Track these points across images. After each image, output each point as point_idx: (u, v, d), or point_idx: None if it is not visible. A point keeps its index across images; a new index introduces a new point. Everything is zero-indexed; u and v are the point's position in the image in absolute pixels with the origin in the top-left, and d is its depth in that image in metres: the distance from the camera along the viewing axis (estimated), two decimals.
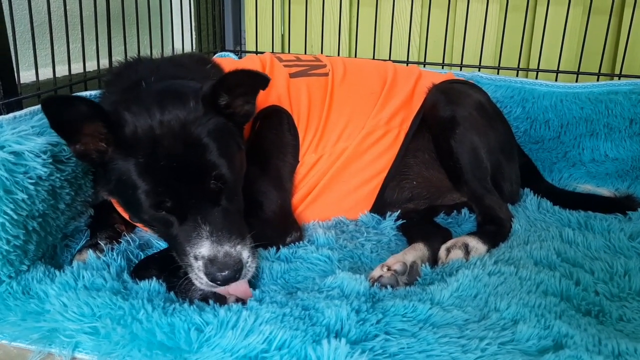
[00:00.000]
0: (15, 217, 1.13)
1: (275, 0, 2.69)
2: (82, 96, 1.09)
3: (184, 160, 1.12)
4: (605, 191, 1.81)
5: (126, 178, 1.13)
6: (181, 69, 1.39)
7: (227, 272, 1.10)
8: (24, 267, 1.19)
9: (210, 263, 1.10)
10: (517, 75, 2.37)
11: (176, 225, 1.15)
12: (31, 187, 1.16)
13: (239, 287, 1.15)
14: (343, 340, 0.94)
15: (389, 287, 1.21)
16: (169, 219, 1.14)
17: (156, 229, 1.22)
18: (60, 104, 1.07)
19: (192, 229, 1.13)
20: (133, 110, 1.16)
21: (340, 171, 1.55)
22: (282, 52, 2.82)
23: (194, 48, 2.75)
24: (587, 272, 1.27)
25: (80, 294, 1.09)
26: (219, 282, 1.11)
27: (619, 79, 2.27)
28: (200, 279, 1.12)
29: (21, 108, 1.53)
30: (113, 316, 1.03)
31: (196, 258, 1.12)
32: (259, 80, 1.20)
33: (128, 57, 1.47)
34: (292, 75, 1.58)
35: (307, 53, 2.70)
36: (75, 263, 1.24)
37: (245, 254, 1.14)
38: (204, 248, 1.12)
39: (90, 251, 1.27)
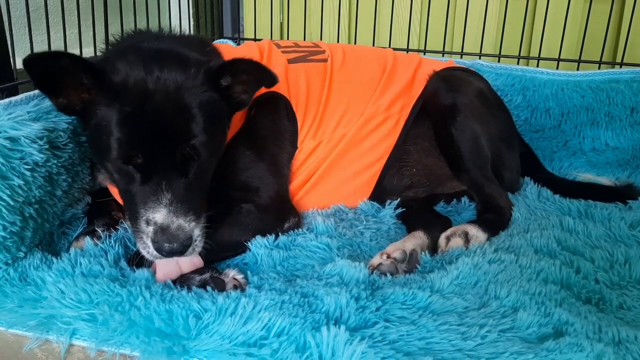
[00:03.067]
0: (11, 203, 1.12)
1: None
2: (64, 51, 1.10)
3: (168, 123, 1.12)
4: (605, 180, 1.80)
5: (105, 124, 1.11)
6: (182, 42, 1.37)
7: (175, 244, 1.09)
8: (21, 254, 1.18)
9: (161, 231, 1.09)
10: (518, 63, 2.35)
11: (137, 183, 1.13)
12: (27, 173, 1.14)
13: (187, 263, 1.15)
14: (342, 327, 0.94)
15: (388, 274, 1.20)
16: (133, 174, 1.13)
17: (116, 181, 1.19)
18: (42, 60, 1.07)
19: (152, 192, 1.11)
20: (129, 59, 1.16)
21: (339, 158, 1.53)
22: (281, 39, 2.79)
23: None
24: (588, 260, 1.27)
25: (77, 280, 1.08)
26: (164, 253, 1.09)
27: (621, 67, 2.25)
28: (147, 247, 1.11)
29: (17, 94, 1.51)
30: (111, 303, 1.03)
31: (148, 223, 1.10)
32: (267, 77, 1.19)
33: (127, 30, 1.46)
34: (290, 61, 1.56)
35: (306, 40, 2.68)
36: (72, 250, 1.23)
37: (197, 232, 1.13)
38: (159, 214, 1.10)
39: (88, 238, 1.26)
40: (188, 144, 1.13)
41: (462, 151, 1.56)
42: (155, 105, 1.11)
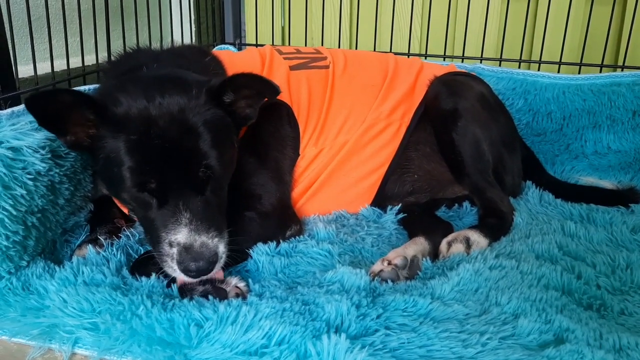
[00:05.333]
0: (14, 212, 1.12)
1: None
2: (63, 88, 1.09)
3: (176, 144, 1.11)
4: (607, 183, 1.80)
5: (114, 155, 1.11)
6: (182, 59, 1.38)
7: (201, 262, 1.07)
8: (24, 263, 1.19)
9: (185, 251, 1.08)
10: (519, 67, 2.36)
11: (155, 208, 1.12)
12: (30, 182, 1.15)
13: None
14: (343, 335, 0.94)
15: (389, 281, 1.20)
16: (149, 200, 1.12)
17: (134, 210, 1.19)
18: (43, 99, 1.07)
19: (171, 214, 1.10)
20: (129, 89, 1.16)
21: (341, 165, 1.53)
22: (283, 44, 2.80)
23: (193, 41, 2.74)
24: (589, 265, 1.27)
25: (79, 289, 1.09)
26: (192, 274, 1.08)
27: (622, 70, 2.25)
28: (172, 269, 1.09)
29: (19, 103, 1.52)
30: (113, 312, 1.03)
31: (171, 245, 1.09)
32: (268, 89, 1.20)
33: (127, 47, 1.46)
34: (292, 68, 1.56)
35: (307, 45, 2.69)
36: (74, 258, 1.23)
37: (221, 248, 1.12)
38: (181, 235, 1.09)
39: (90, 246, 1.26)
40: (201, 165, 1.12)
41: (463, 156, 1.56)
42: (160, 129, 1.11)
